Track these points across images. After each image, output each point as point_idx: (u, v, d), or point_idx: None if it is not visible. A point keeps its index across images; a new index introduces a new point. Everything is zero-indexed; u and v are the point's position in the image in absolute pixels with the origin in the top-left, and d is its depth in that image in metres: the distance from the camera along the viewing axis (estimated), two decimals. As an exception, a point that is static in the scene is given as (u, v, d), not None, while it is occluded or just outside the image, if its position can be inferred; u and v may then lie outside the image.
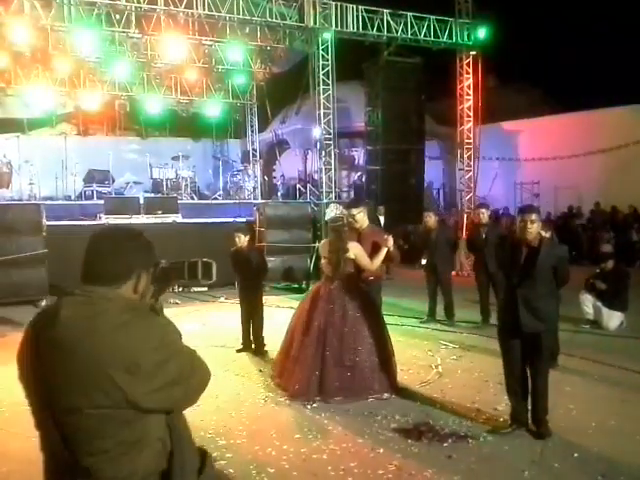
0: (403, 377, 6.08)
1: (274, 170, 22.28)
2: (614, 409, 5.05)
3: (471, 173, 18.19)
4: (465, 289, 9.58)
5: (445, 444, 4.39)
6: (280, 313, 8.80)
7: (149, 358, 1.73)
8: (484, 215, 8.66)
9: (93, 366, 1.69)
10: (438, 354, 7.02)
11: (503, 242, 4.81)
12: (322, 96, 15.37)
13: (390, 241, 5.71)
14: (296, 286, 11.76)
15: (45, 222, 10.66)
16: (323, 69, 15.30)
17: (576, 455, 4.19)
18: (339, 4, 15.31)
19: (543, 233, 6.32)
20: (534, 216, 4.34)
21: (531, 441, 4.43)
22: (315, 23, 15.02)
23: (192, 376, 1.85)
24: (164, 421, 1.82)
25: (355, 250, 5.66)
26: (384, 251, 5.66)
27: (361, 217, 5.80)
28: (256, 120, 20.91)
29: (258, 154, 21.03)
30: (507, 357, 4.64)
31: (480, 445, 4.39)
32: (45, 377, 1.75)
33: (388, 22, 15.84)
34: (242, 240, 7.04)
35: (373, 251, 5.75)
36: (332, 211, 6.01)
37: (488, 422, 4.80)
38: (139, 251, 1.90)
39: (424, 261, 9.21)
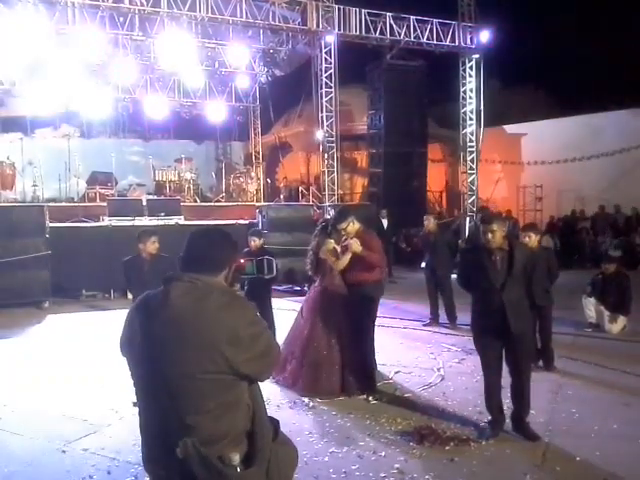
0: (405, 380, 6.09)
1: (277, 173, 22.31)
2: (616, 413, 5.03)
3: (474, 176, 18.20)
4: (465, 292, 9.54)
5: (447, 447, 4.38)
6: (281, 315, 8.77)
7: (247, 331, 2.13)
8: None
9: (203, 338, 2.06)
10: (440, 357, 7.02)
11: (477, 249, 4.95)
12: (325, 99, 15.39)
13: (352, 245, 5.58)
14: (298, 288, 11.75)
15: (48, 224, 10.69)
16: (326, 72, 15.32)
17: (578, 459, 4.18)
18: (342, 7, 15.34)
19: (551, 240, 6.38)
20: (495, 225, 4.49)
21: (533, 445, 4.42)
22: (318, 26, 15.05)
23: (273, 350, 2.27)
24: (248, 390, 2.19)
25: (324, 250, 5.72)
26: (347, 255, 5.64)
27: (350, 227, 5.77)
28: (259, 123, 20.97)
29: (261, 157, 21.08)
30: (491, 362, 4.63)
31: (482, 448, 4.38)
32: (160, 349, 2.09)
33: (391, 25, 15.85)
34: (257, 243, 7.00)
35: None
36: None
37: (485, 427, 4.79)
38: (232, 248, 2.35)
39: (423, 264, 9.17)
